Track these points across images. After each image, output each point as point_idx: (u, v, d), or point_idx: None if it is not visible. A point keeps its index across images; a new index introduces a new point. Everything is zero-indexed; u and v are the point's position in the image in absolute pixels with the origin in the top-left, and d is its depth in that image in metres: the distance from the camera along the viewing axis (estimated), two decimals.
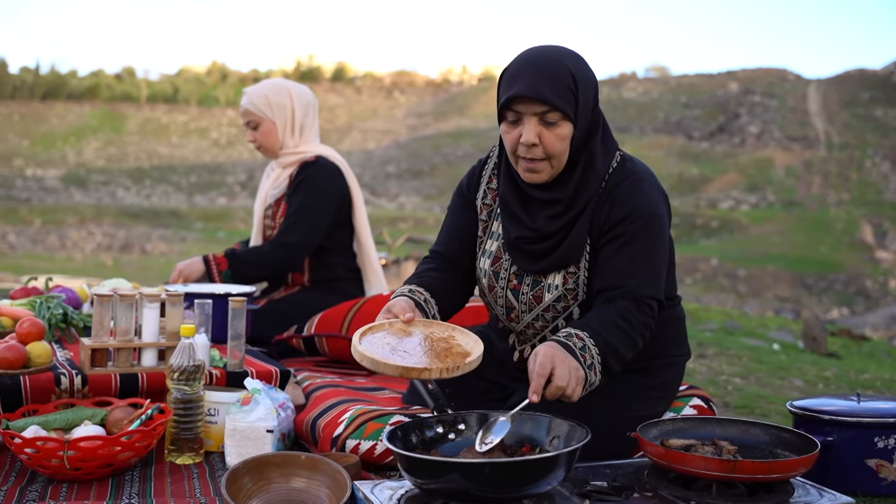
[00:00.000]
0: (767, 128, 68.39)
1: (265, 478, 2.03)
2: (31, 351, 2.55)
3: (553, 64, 2.14)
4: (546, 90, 2.09)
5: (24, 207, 48.65)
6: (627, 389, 2.34)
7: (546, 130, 2.14)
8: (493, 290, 2.36)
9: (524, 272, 2.30)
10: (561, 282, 2.26)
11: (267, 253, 3.61)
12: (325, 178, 3.67)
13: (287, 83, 3.80)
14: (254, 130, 3.74)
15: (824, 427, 2.37)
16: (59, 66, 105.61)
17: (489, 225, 2.40)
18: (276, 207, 3.74)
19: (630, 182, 2.23)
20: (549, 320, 2.31)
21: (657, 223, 2.22)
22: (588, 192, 2.22)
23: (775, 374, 5.00)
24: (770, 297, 33.15)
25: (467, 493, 1.75)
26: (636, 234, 2.19)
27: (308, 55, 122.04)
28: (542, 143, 2.14)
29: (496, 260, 2.35)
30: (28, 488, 2.20)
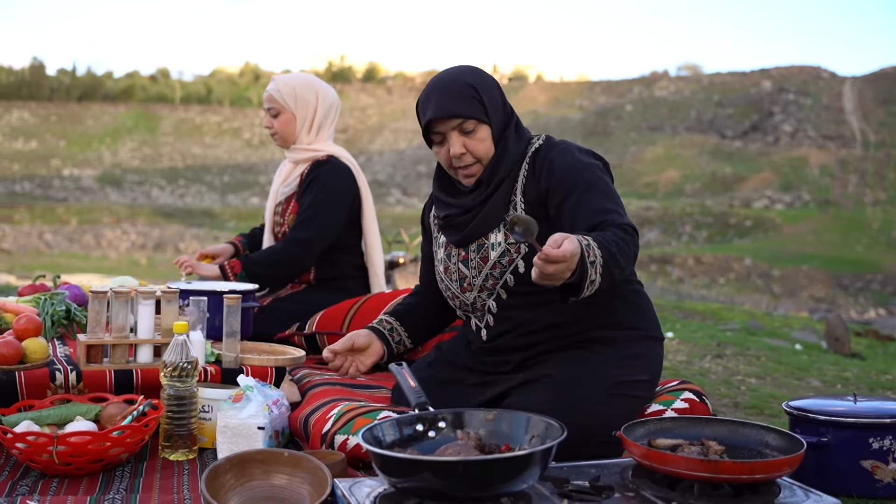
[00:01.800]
0: (802, 126, 67.62)
1: (247, 474, 2.03)
2: (27, 347, 2.57)
3: (452, 82, 2.44)
4: (453, 106, 2.41)
5: (60, 207, 49.33)
6: (601, 356, 2.42)
7: (468, 139, 2.44)
8: (448, 270, 2.59)
9: (464, 242, 2.54)
10: (503, 239, 2.47)
11: (279, 251, 3.61)
12: (337, 177, 3.67)
13: (316, 81, 3.83)
14: (273, 118, 3.76)
15: (819, 427, 2.34)
16: (95, 67, 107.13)
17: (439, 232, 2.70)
18: (287, 205, 3.75)
19: (560, 148, 2.49)
20: (498, 276, 2.47)
21: (599, 170, 2.45)
22: (503, 170, 2.47)
23: (793, 375, 4.93)
24: (805, 297, 32.80)
25: (440, 492, 1.74)
26: (588, 180, 2.39)
27: (339, 55, 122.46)
28: (468, 151, 2.45)
29: (447, 246, 2.62)
30: (20, 482, 2.22)
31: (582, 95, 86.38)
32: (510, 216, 2.08)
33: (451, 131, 2.44)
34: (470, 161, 2.46)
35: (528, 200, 2.46)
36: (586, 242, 2.11)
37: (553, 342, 2.46)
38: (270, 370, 2.77)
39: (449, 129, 2.44)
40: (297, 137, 3.76)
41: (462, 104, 2.41)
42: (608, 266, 2.15)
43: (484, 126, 2.45)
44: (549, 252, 1.96)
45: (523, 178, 2.49)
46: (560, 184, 2.41)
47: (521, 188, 2.48)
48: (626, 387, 2.41)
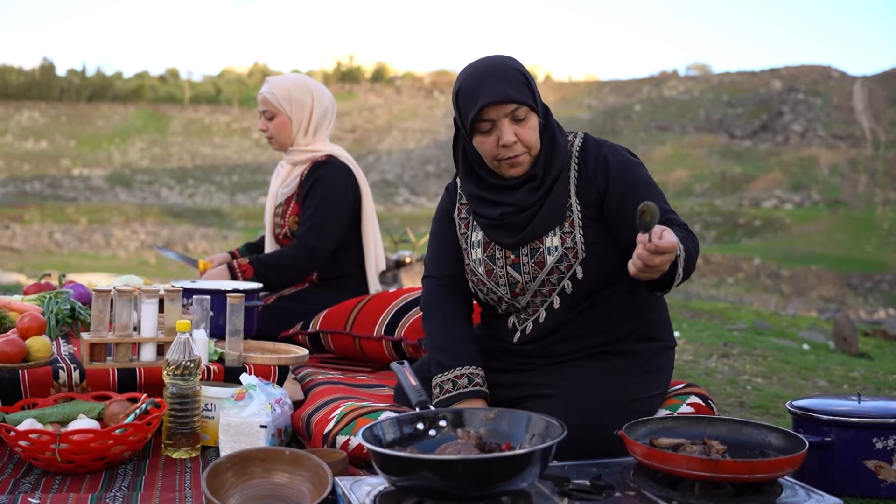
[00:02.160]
0: (812, 126, 67.40)
1: (248, 472, 2.03)
2: (31, 345, 2.58)
3: (504, 67, 2.33)
4: (510, 90, 2.28)
5: (70, 207, 49.48)
6: (624, 371, 2.38)
7: (518, 127, 2.31)
8: (493, 273, 2.44)
9: (517, 245, 2.40)
10: (559, 242, 2.36)
11: (290, 256, 3.58)
12: (338, 178, 3.66)
13: (311, 82, 3.78)
14: (268, 121, 3.73)
15: (822, 427, 2.32)
16: (104, 68, 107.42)
17: (469, 220, 2.53)
18: (287, 206, 3.73)
19: (611, 145, 2.44)
20: (556, 283, 2.37)
21: (646, 170, 2.44)
22: (557, 163, 2.38)
23: (800, 375, 4.91)
24: (814, 297, 32.70)
25: (440, 491, 1.73)
26: (645, 181, 2.37)
27: (348, 55, 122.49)
28: (519, 139, 2.31)
29: (486, 245, 2.46)
30: (22, 480, 2.23)
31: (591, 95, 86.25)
32: (641, 205, 1.93)
33: (502, 118, 2.30)
34: (520, 150, 2.33)
35: (582, 200, 2.38)
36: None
37: (583, 351, 2.41)
38: (273, 369, 2.77)
39: (501, 116, 2.30)
40: (294, 140, 3.74)
41: (517, 89, 2.30)
42: (688, 262, 2.17)
43: (533, 115, 2.33)
44: (658, 243, 1.94)
45: (575, 176, 2.40)
46: (618, 184, 2.36)
47: (574, 187, 2.40)
48: (642, 403, 2.39)
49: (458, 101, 2.38)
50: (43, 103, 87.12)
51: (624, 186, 2.35)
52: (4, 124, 79.74)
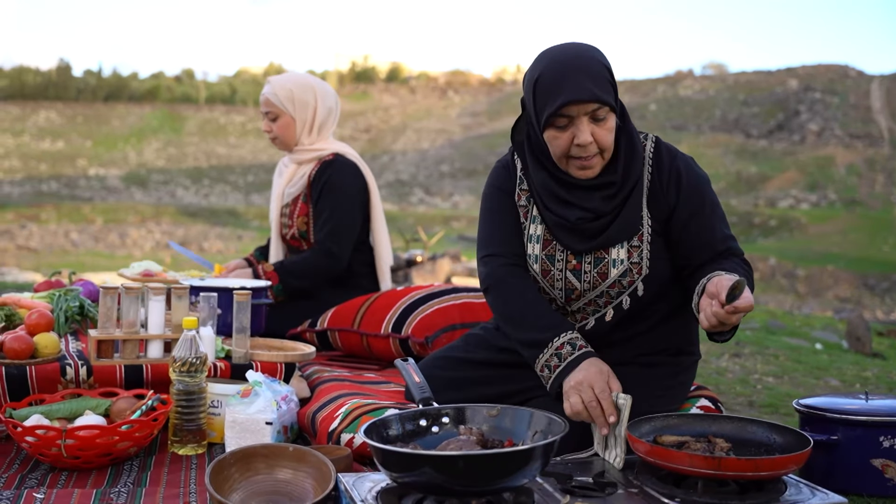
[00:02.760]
0: (828, 125, 66.97)
1: (252, 468, 2.04)
2: (39, 342, 2.59)
3: (588, 61, 2.17)
4: (595, 89, 2.14)
5: (86, 206, 49.70)
6: (648, 385, 2.32)
7: (597, 127, 2.18)
8: (549, 275, 2.33)
9: (582, 252, 2.30)
10: (626, 255, 2.27)
11: (313, 263, 3.56)
12: (347, 177, 3.65)
13: (313, 81, 3.75)
14: (271, 122, 3.71)
15: (829, 426, 2.31)
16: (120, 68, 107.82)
17: (529, 210, 2.39)
18: (294, 206, 3.70)
19: (683, 157, 2.33)
20: (614, 296, 2.30)
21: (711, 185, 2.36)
22: (636, 170, 2.27)
23: (812, 374, 4.88)
24: (830, 297, 32.47)
25: (441, 487, 1.73)
26: (713, 201, 2.31)
27: (363, 56, 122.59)
28: (595, 140, 2.18)
29: (547, 244, 2.34)
30: (29, 475, 2.24)
31: None
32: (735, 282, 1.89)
33: (582, 116, 2.16)
34: (593, 152, 2.20)
35: (653, 214, 2.28)
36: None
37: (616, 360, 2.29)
38: (280, 366, 2.78)
39: (581, 114, 2.15)
40: (298, 140, 3.72)
41: (602, 87, 2.16)
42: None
43: (613, 115, 2.20)
44: (740, 305, 1.92)
45: (647, 186, 2.30)
46: (688, 202, 2.27)
47: (646, 198, 2.29)
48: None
49: (536, 89, 2.21)
50: (60, 103, 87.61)
51: (693, 206, 2.27)
52: (22, 124, 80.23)
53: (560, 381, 2.17)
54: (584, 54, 2.19)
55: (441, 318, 3.14)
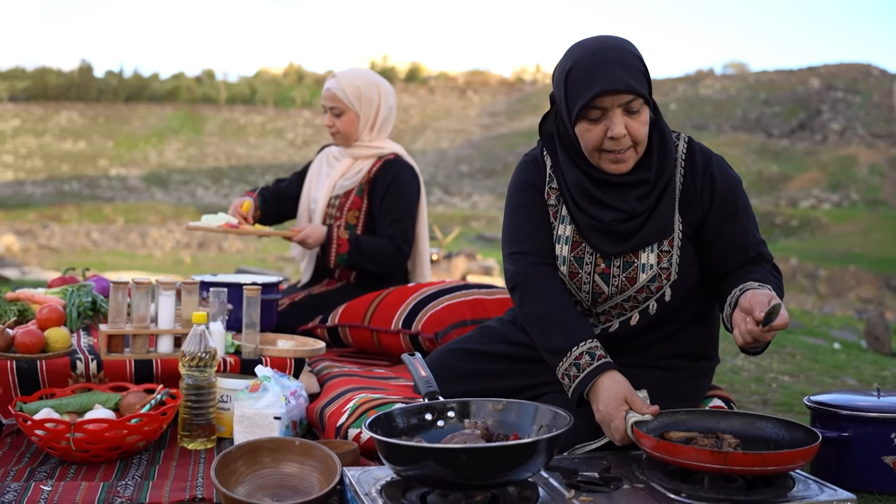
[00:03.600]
0: (851, 124, 66.45)
1: (258, 462, 2.05)
2: (49, 336, 2.61)
3: (622, 52, 2.13)
4: (629, 79, 2.09)
5: (107, 206, 50.08)
6: (665, 389, 2.30)
7: (630, 120, 2.13)
8: (577, 277, 2.28)
9: (612, 255, 2.25)
10: (656, 260, 2.22)
11: (388, 252, 3.55)
12: (411, 178, 3.67)
13: (377, 78, 3.76)
14: (335, 117, 3.67)
15: (841, 422, 2.29)
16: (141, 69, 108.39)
17: (559, 209, 2.32)
18: (345, 199, 3.66)
19: (718, 159, 2.28)
20: (641, 301, 2.26)
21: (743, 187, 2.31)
22: (668, 168, 2.23)
23: (828, 373, 4.84)
24: (852, 298, 32.22)
25: (444, 480, 1.73)
26: (745, 204, 2.26)
27: (382, 55, 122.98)
28: (629, 133, 2.13)
29: (576, 245, 2.29)
30: (38, 469, 2.26)
31: None
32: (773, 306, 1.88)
33: (615, 108, 2.10)
34: (627, 145, 2.14)
35: (685, 217, 2.24)
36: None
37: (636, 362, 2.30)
38: (289, 361, 2.78)
39: (614, 106, 2.10)
40: (359, 136, 3.70)
41: (636, 78, 2.11)
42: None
43: (646, 108, 2.16)
44: (776, 324, 1.91)
45: (680, 186, 2.24)
46: (721, 207, 2.23)
47: (678, 199, 2.24)
48: None
49: (568, 81, 2.15)
50: (81, 104, 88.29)
51: (727, 210, 2.23)
52: (44, 125, 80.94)
53: (580, 392, 2.14)
54: (618, 45, 2.15)
55: (451, 315, 3.14)
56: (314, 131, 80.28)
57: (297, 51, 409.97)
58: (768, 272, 2.19)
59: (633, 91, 2.09)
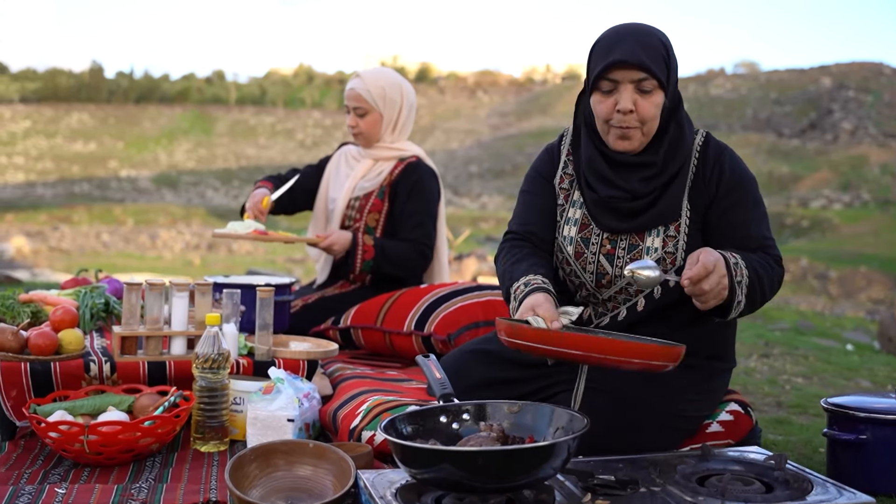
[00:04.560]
0: (862, 124, 66.19)
1: (272, 465, 2.04)
2: (63, 338, 2.61)
3: (648, 34, 2.21)
4: (644, 57, 2.15)
5: (117, 208, 50.22)
6: (681, 388, 2.30)
7: (641, 98, 2.19)
8: (582, 257, 2.33)
9: (618, 236, 2.30)
10: (661, 244, 2.26)
11: (412, 257, 3.54)
12: (433, 182, 3.66)
13: (400, 78, 3.74)
14: (359, 117, 3.65)
15: (858, 425, 2.27)
16: (152, 70, 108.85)
17: (570, 193, 2.40)
18: (365, 201, 3.65)
19: (731, 153, 2.33)
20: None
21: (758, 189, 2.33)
22: (679, 158, 2.27)
23: (842, 375, 4.82)
24: (863, 299, 32.09)
25: (460, 483, 1.72)
26: (757, 199, 2.29)
27: (392, 56, 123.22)
28: (636, 110, 2.19)
29: (584, 227, 2.34)
30: (52, 471, 2.25)
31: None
32: (630, 270, 1.98)
33: (627, 83, 2.17)
34: (634, 123, 2.20)
35: (693, 205, 2.28)
36: (734, 261, 2.08)
37: None
38: (302, 363, 2.78)
39: (626, 80, 2.17)
40: (381, 137, 3.69)
41: (653, 59, 2.16)
42: (754, 288, 2.11)
43: (660, 91, 2.19)
44: (689, 275, 1.96)
45: (692, 175, 2.29)
46: (726, 196, 2.27)
47: (688, 187, 2.29)
48: (686, 421, 2.34)
49: (591, 52, 2.25)
50: (92, 105, 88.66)
51: (730, 201, 2.27)
52: (54, 126, 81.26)
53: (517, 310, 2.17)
54: (646, 28, 2.24)
55: (464, 316, 3.13)
56: (324, 132, 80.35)
57: (307, 51, 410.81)
58: (759, 258, 2.19)
59: (644, 68, 2.15)
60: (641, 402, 2.24)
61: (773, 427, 3.28)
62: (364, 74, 3.68)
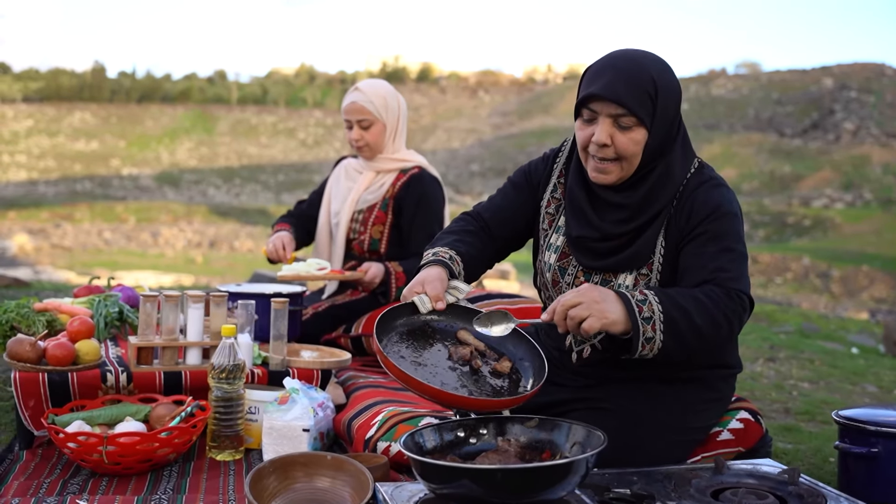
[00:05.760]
0: (864, 124, 66.14)
1: (290, 477, 2.06)
2: (80, 348, 2.63)
3: (636, 68, 2.12)
4: (623, 93, 2.08)
5: (119, 206, 50.24)
6: (687, 400, 2.31)
7: (619, 133, 2.13)
8: (558, 286, 2.32)
9: (591, 269, 2.27)
10: (632, 283, 2.22)
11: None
12: (438, 191, 3.66)
13: (391, 87, 3.75)
14: (364, 129, 3.63)
15: (870, 438, 2.29)
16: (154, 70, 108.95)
17: (556, 219, 2.37)
18: (369, 213, 3.64)
19: (709, 185, 2.21)
20: None
21: (737, 222, 2.20)
22: (661, 200, 2.20)
23: (848, 380, 4.84)
24: (865, 298, 32.10)
25: (480, 499, 1.74)
26: (719, 232, 2.16)
27: (394, 56, 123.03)
28: (613, 145, 2.13)
29: (563, 256, 2.32)
30: (70, 481, 2.28)
31: None
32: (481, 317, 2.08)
33: (605, 116, 2.12)
34: (610, 155, 2.14)
35: (667, 243, 2.21)
36: (642, 297, 2.03)
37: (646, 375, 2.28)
38: (316, 373, 2.80)
39: (605, 113, 2.12)
40: (384, 147, 3.69)
41: (633, 96, 2.09)
42: (674, 323, 2.02)
43: (642, 129, 2.12)
44: (548, 317, 2.01)
45: (671, 211, 2.21)
46: (698, 225, 2.16)
47: (665, 224, 2.21)
48: (695, 432, 2.34)
49: (582, 77, 2.21)
50: (94, 105, 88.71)
51: (695, 233, 2.16)
52: (57, 125, 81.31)
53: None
54: (638, 61, 2.14)
55: None
56: (325, 131, 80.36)
57: (309, 51, 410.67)
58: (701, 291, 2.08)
59: (621, 104, 2.08)
60: (649, 419, 2.24)
61: (783, 435, 3.31)
62: (363, 87, 3.67)
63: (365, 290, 3.52)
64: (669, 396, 2.28)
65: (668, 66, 2.20)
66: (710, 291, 2.08)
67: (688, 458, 2.35)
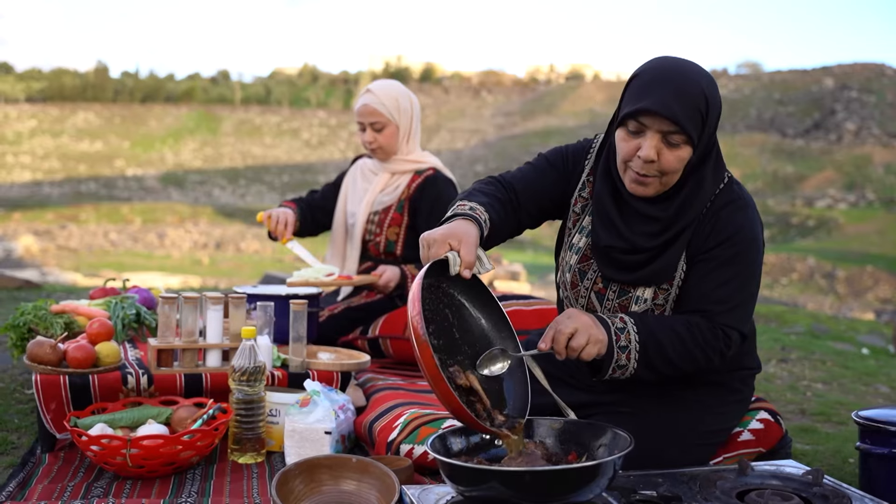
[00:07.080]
0: (866, 124, 66.12)
1: (316, 480, 2.06)
2: (100, 351, 2.64)
3: (688, 84, 2.05)
4: (678, 110, 2.01)
5: (125, 207, 50.35)
6: (707, 403, 2.32)
7: (666, 149, 2.06)
8: (576, 288, 2.30)
9: (611, 280, 2.24)
10: (651, 296, 2.20)
11: None
12: (452, 192, 3.65)
13: (404, 87, 3.73)
14: (376, 132, 3.63)
15: (890, 438, 2.29)
16: (157, 70, 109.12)
17: (581, 219, 2.32)
18: (385, 215, 3.64)
19: (736, 206, 2.18)
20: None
21: (755, 250, 2.18)
22: (690, 215, 2.16)
23: (860, 381, 4.84)
24: (871, 298, 32.09)
25: (508, 502, 1.74)
26: (733, 258, 2.14)
27: (397, 56, 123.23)
28: (659, 161, 2.07)
29: (584, 259, 2.28)
30: (94, 484, 2.28)
31: None
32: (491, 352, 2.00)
33: (655, 131, 2.05)
34: (653, 172, 2.08)
35: (689, 260, 2.18)
36: (621, 325, 2.06)
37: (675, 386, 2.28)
38: (336, 375, 2.80)
39: (654, 128, 2.04)
40: (398, 149, 3.68)
41: (688, 113, 2.02)
42: (647, 354, 2.07)
43: (688, 147, 2.06)
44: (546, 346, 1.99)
45: (695, 226, 2.18)
46: (711, 248, 2.15)
47: (688, 240, 2.18)
48: (715, 435, 2.34)
49: (629, 85, 2.12)
50: (98, 105, 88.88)
51: (710, 254, 2.15)
52: (60, 126, 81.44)
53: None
54: (691, 75, 2.07)
55: None
56: (329, 132, 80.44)
57: (312, 51, 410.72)
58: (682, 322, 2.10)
59: (676, 122, 2.01)
60: (669, 422, 2.25)
61: (801, 436, 3.31)
62: (375, 89, 3.66)
63: (381, 292, 3.52)
64: (690, 400, 2.29)
65: (713, 79, 2.14)
66: (694, 324, 2.11)
67: (710, 460, 2.36)
